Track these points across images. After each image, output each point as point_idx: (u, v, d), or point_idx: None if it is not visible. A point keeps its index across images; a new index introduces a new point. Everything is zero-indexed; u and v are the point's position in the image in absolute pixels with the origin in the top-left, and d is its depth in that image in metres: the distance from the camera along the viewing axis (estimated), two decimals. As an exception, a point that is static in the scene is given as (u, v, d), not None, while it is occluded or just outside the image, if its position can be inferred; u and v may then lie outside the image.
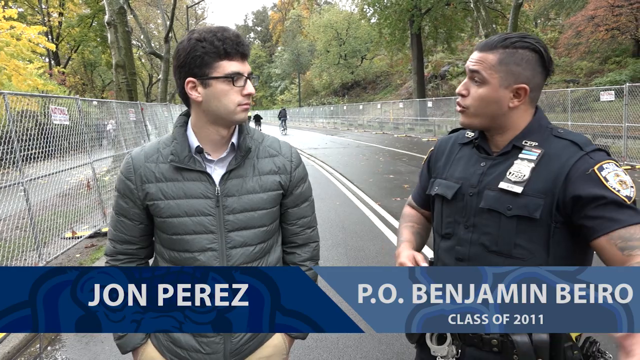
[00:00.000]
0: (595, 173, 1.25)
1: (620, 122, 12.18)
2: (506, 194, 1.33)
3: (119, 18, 15.25)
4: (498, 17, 27.24)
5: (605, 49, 25.53)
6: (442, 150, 1.59)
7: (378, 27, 34.20)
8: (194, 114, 1.48)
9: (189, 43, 1.39)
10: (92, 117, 8.71)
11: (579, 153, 1.29)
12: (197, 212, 1.45)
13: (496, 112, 1.36)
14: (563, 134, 1.36)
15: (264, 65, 78.26)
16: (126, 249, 1.55)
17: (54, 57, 35.70)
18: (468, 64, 1.39)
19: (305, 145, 21.92)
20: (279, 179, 1.55)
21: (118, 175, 1.52)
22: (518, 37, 1.32)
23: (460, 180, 1.45)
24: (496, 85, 1.33)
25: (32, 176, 5.54)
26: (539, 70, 1.33)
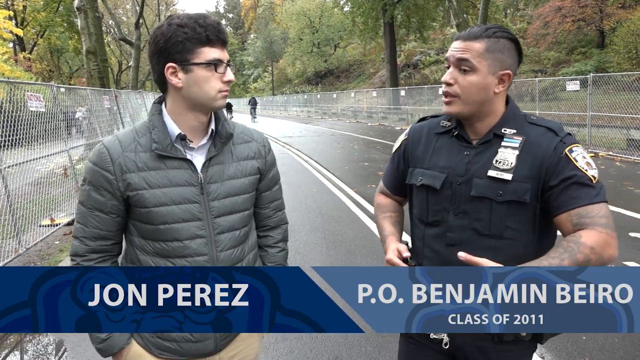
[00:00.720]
0: (566, 155, 1.37)
1: (584, 111, 12.66)
2: (496, 181, 1.40)
3: (89, 3, 14.93)
4: (469, 7, 27.61)
5: (571, 39, 26.25)
6: (418, 138, 1.62)
7: (351, 16, 34.26)
8: (171, 101, 1.47)
9: (169, 28, 1.38)
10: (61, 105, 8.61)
11: (556, 139, 1.40)
12: (184, 199, 1.45)
13: (484, 98, 1.42)
14: (537, 120, 1.46)
15: (236, 52, 77.30)
16: (100, 246, 1.49)
17: (19, 42, 34.56)
18: (453, 53, 1.43)
19: (279, 134, 21.95)
20: (257, 164, 1.59)
21: (89, 167, 1.45)
22: (497, 28, 1.42)
23: (445, 170, 1.49)
24: (485, 72, 1.40)
25: (9, 163, 5.50)
26: (516, 58, 1.44)
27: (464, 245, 1.44)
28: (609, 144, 11.97)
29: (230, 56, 7.25)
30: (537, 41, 28.14)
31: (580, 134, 13.24)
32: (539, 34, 27.46)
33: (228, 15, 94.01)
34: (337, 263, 5.04)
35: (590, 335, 3.35)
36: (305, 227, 6.30)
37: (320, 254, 5.33)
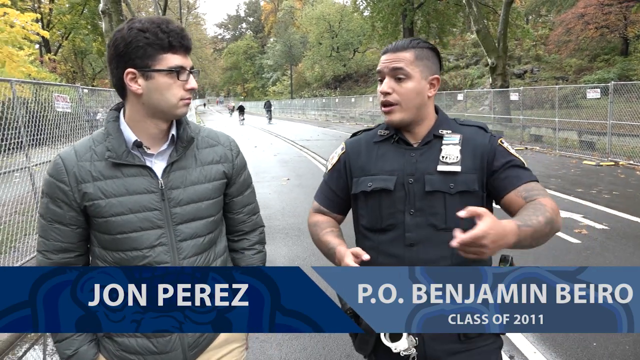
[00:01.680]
0: (500, 145, 1.53)
1: (605, 120, 12.52)
2: (446, 175, 1.49)
3: (114, 7, 15.29)
4: (490, 12, 27.43)
5: (594, 46, 25.89)
6: (357, 151, 1.64)
7: (371, 21, 34.29)
8: (130, 107, 1.42)
9: (129, 32, 1.33)
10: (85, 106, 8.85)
11: (487, 135, 1.56)
12: (142, 207, 1.40)
13: (420, 102, 1.53)
14: (465, 121, 1.62)
15: (256, 56, 77.94)
16: (63, 258, 1.44)
17: (45, 44, 35.38)
18: (387, 64, 1.52)
19: (297, 137, 22.10)
20: (223, 168, 1.54)
21: (46, 179, 1.42)
22: (418, 40, 1.56)
23: (394, 172, 1.52)
24: (419, 77, 1.51)
25: (36, 162, 5.69)
26: (438, 65, 1.58)
27: (424, 242, 1.48)
28: (629, 152, 11.82)
29: (250, 59, 7.35)
30: (558, 48, 27.82)
31: (600, 142, 13.09)
32: (561, 41, 27.15)
33: (248, 19, 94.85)
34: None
35: (600, 342, 3.37)
36: (320, 229, 6.35)
37: (334, 256, 5.39)
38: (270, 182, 10.50)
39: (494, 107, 19.50)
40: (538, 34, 31.15)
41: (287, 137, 22.30)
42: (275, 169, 12.13)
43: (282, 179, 10.77)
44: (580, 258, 5.17)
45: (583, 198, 8.07)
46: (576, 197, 8.13)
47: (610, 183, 9.36)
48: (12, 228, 5.98)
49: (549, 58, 28.42)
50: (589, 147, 13.65)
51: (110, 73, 1.39)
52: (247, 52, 79.24)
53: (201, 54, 77.15)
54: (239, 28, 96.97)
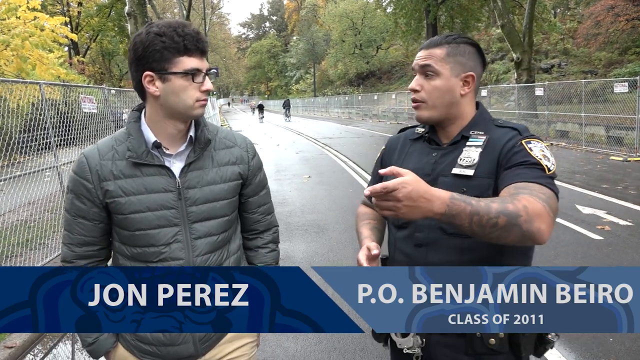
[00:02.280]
0: (522, 144, 1.38)
1: (634, 114, 12.20)
2: (460, 178, 1.42)
3: (139, 9, 15.61)
4: (515, 7, 26.96)
5: (625, 39, 25.18)
6: (393, 148, 1.68)
7: (394, 17, 34.10)
8: (149, 108, 1.47)
9: (147, 37, 1.37)
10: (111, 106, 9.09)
11: (514, 134, 1.43)
12: (160, 206, 1.46)
13: (450, 100, 1.47)
14: (503, 123, 1.51)
15: (279, 54, 78.29)
16: (86, 251, 1.52)
17: (74, 46, 36.30)
18: (417, 61, 1.50)
19: (319, 135, 22.17)
20: (238, 169, 1.58)
21: (71, 176, 1.49)
22: (456, 35, 1.50)
23: (414, 171, 1.56)
24: (448, 75, 1.46)
25: (64, 161, 5.90)
26: (478, 61, 1.50)
27: (431, 245, 1.46)
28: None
29: (273, 58, 7.44)
30: (587, 41, 27.18)
31: (628, 137, 12.77)
32: (590, 34, 26.52)
33: (272, 18, 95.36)
34: (369, 262, 5.13)
35: (617, 337, 3.33)
36: (339, 225, 6.42)
37: (352, 252, 5.45)
38: (291, 179, 10.59)
39: (519, 102, 19.18)
40: (566, 27, 30.47)
41: (309, 135, 22.39)
42: (297, 167, 12.23)
43: (304, 177, 10.85)
44: (601, 255, 5.09)
45: (608, 194, 7.91)
46: (600, 193, 7.98)
47: (637, 179, 9.14)
48: (43, 225, 6.21)
49: (577, 52, 27.78)
50: (616, 143, 13.31)
51: (130, 76, 1.44)
52: (270, 51, 79.69)
53: (225, 53, 77.91)
54: (262, 27, 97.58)
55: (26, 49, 14.78)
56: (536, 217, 1.20)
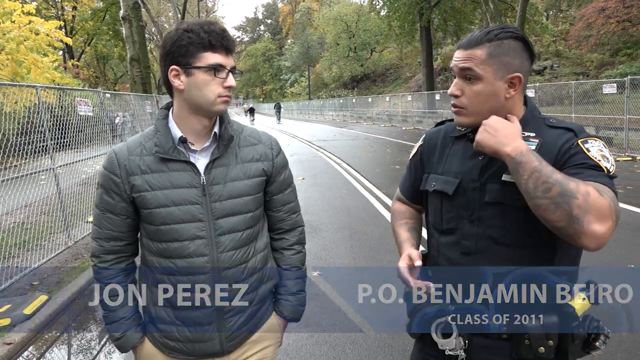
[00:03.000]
0: (578, 145, 1.27)
1: (623, 115, 12.39)
2: (511, 186, 1.29)
3: (134, 13, 15.69)
4: (507, 9, 27.22)
5: (616, 41, 25.43)
6: (434, 144, 1.57)
7: (387, 20, 34.29)
8: (176, 104, 1.51)
9: (176, 33, 1.43)
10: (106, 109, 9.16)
11: (569, 136, 1.31)
12: (185, 201, 1.47)
13: (495, 105, 1.34)
14: (555, 123, 1.37)
15: (274, 57, 78.40)
16: (114, 246, 1.55)
17: (68, 50, 36.28)
18: (456, 63, 1.37)
19: (314, 138, 22.27)
20: (262, 165, 1.59)
21: (101, 172, 1.52)
22: (499, 29, 1.33)
23: (459, 175, 1.43)
24: (491, 78, 1.32)
25: (60, 163, 5.97)
26: (525, 57, 1.34)
27: (480, 254, 1.38)
28: (648, 148, 11.69)
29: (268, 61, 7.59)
30: (579, 43, 27.43)
31: (618, 137, 12.95)
32: (581, 36, 26.79)
33: (266, 21, 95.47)
34: (361, 260, 5.25)
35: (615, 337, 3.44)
36: (332, 225, 6.52)
37: (345, 251, 5.56)
38: (285, 181, 10.67)
39: (512, 104, 19.35)
40: (558, 30, 30.74)
41: (304, 138, 22.49)
42: (291, 169, 12.18)
43: (298, 179, 10.95)
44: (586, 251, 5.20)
45: (596, 193, 8.04)
46: (590, 193, 8.10)
47: (625, 178, 9.29)
48: (39, 227, 6.28)
49: (569, 53, 28.04)
50: (606, 143, 13.41)
51: (160, 71, 1.50)
52: (265, 54, 79.77)
53: (220, 56, 77.67)
54: (257, 30, 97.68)
55: (21, 53, 14.81)
56: (595, 209, 1.11)
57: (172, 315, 1.53)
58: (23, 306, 4.09)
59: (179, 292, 1.50)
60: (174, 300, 1.50)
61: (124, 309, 1.57)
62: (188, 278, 1.49)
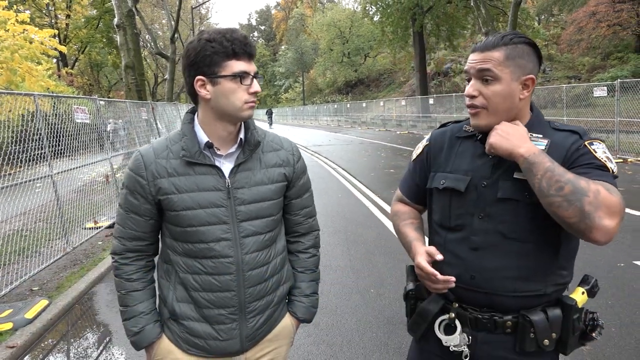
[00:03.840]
0: (585, 146, 1.35)
1: (613, 117, 12.57)
2: (523, 183, 1.36)
3: (128, 20, 15.74)
4: (499, 14, 27.47)
5: (606, 44, 25.71)
6: (440, 144, 1.60)
7: (381, 26, 34.51)
8: (201, 111, 1.53)
9: (199, 43, 1.45)
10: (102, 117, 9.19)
11: (579, 140, 1.38)
12: (210, 204, 1.51)
13: (510, 106, 1.41)
14: (560, 126, 1.45)
15: (268, 64, 78.58)
16: (136, 246, 1.58)
17: (62, 58, 36.27)
18: (473, 65, 1.42)
19: (309, 143, 22.37)
20: (284, 171, 1.62)
21: (127, 173, 1.55)
22: (513, 34, 1.40)
23: (469, 173, 1.47)
24: (508, 79, 1.38)
25: (58, 170, 6.02)
26: (536, 61, 1.42)
27: (489, 249, 1.42)
28: (639, 149, 11.84)
29: (262, 67, 7.78)
30: (571, 47, 27.71)
31: (609, 140, 13.12)
32: (573, 40, 27.06)
33: (260, 28, 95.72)
34: (357, 261, 5.33)
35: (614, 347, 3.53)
36: (328, 228, 6.63)
37: (341, 253, 5.64)
38: (281, 186, 10.74)
39: (504, 107, 19.51)
40: (550, 34, 31.07)
41: (299, 143, 22.58)
42: (287, 174, 12.33)
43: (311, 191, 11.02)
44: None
45: (588, 195, 8.16)
46: (581, 194, 8.22)
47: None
48: (37, 234, 6.32)
49: (561, 57, 28.33)
50: (598, 145, 13.64)
51: (184, 81, 1.52)
52: (259, 60, 79.95)
53: (214, 63, 77.74)
54: (250, 37, 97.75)
55: (15, 62, 14.85)
56: (605, 206, 1.19)
57: (196, 312, 1.56)
58: (24, 310, 4.15)
59: (205, 291, 1.54)
60: (199, 299, 1.54)
61: (143, 304, 1.59)
62: (214, 278, 1.53)
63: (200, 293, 1.54)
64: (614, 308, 3.89)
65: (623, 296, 4.11)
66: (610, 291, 4.20)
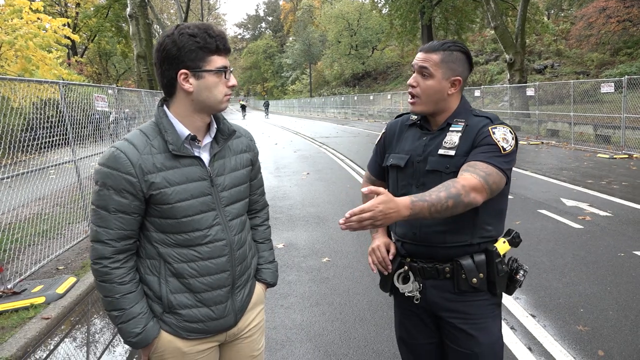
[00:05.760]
0: (488, 131, 1.71)
1: (620, 113, 12.66)
2: (444, 158, 1.75)
3: (140, 11, 15.94)
4: (508, 8, 27.41)
5: (616, 40, 25.60)
6: (393, 131, 1.98)
7: (389, 18, 34.53)
8: (179, 104, 1.58)
9: (181, 38, 1.49)
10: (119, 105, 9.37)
11: (489, 123, 1.75)
12: (200, 193, 1.58)
13: (439, 98, 1.78)
14: (479, 112, 1.82)
15: (275, 55, 78.57)
16: (124, 246, 1.57)
17: (72, 47, 36.51)
18: (417, 62, 1.78)
19: (317, 135, 22.55)
20: (249, 156, 1.78)
21: (108, 173, 1.50)
22: (452, 43, 1.76)
23: (409, 152, 1.84)
24: (440, 78, 1.75)
25: (81, 155, 6.27)
26: (467, 67, 1.80)
27: None
28: (645, 146, 11.99)
29: (270, 59, 8.11)
30: (580, 42, 27.61)
31: (615, 136, 13.24)
32: (582, 35, 26.96)
33: (268, 19, 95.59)
34: (366, 246, 5.50)
35: (587, 307, 3.74)
36: (338, 217, 6.78)
37: (351, 240, 5.87)
38: (291, 176, 10.98)
39: (513, 102, 19.63)
40: (559, 29, 30.94)
41: (307, 135, 22.79)
42: (296, 164, 12.62)
43: (302, 173, 11.24)
44: (579, 241, 5.51)
45: (592, 188, 8.36)
46: (585, 188, 8.42)
47: (621, 175, 9.58)
48: (57, 217, 6.57)
49: (570, 53, 28.25)
50: (604, 141, 13.79)
51: (160, 74, 1.54)
52: (266, 52, 79.96)
53: (222, 53, 77.71)
54: (258, 28, 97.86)
55: (30, 50, 15.09)
56: (471, 190, 1.57)
57: (193, 299, 1.63)
58: (55, 286, 4.41)
59: (202, 275, 1.63)
60: (197, 285, 1.62)
61: (139, 305, 1.60)
62: (210, 262, 1.63)
63: (198, 279, 1.62)
64: (612, 293, 4.10)
65: (621, 283, 4.32)
66: (610, 278, 4.40)
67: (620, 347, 3.28)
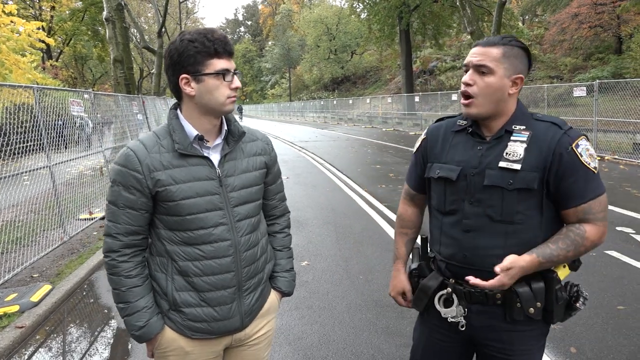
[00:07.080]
0: (572, 150, 1.52)
1: (592, 117, 13.00)
2: (506, 171, 1.55)
3: (117, 14, 15.72)
4: (484, 14, 27.90)
5: (588, 45, 26.22)
6: (436, 137, 1.77)
7: (368, 23, 34.80)
8: (186, 107, 1.62)
9: (181, 44, 1.54)
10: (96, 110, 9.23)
11: (560, 132, 1.55)
12: (206, 192, 1.61)
13: (499, 98, 1.58)
14: (542, 117, 1.62)
15: (255, 59, 78.42)
16: (132, 241, 1.62)
17: (46, 50, 35.85)
18: (472, 57, 1.59)
19: (296, 139, 22.55)
20: (264, 159, 1.77)
21: (117, 170, 1.58)
22: (512, 37, 1.60)
23: (461, 163, 1.64)
24: (501, 74, 1.56)
25: (57, 161, 6.16)
26: (527, 65, 1.61)
27: (479, 231, 1.60)
28: (616, 148, 12.31)
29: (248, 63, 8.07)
30: (553, 47, 28.22)
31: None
32: (556, 40, 27.56)
33: (247, 23, 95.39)
34: (346, 250, 5.60)
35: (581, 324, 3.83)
36: (318, 221, 6.87)
37: (331, 243, 5.90)
38: (270, 180, 10.93)
39: (488, 106, 19.88)
40: (534, 34, 31.55)
41: (286, 139, 22.77)
42: (275, 169, 12.53)
43: (282, 177, 11.22)
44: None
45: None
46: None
47: (593, 176, 9.80)
48: (31, 225, 6.45)
49: (544, 57, 28.84)
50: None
51: (168, 80, 1.61)
52: (245, 56, 79.73)
53: (200, 58, 77.24)
54: (237, 32, 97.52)
55: (3, 54, 14.79)
56: (596, 238, 1.54)
57: (197, 298, 1.65)
58: (29, 294, 4.32)
59: (206, 275, 1.64)
60: (201, 284, 1.64)
61: (144, 299, 1.64)
62: (214, 261, 1.64)
63: (202, 278, 1.63)
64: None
65: (593, 281, 4.44)
66: (582, 277, 4.51)
67: (591, 343, 3.38)
